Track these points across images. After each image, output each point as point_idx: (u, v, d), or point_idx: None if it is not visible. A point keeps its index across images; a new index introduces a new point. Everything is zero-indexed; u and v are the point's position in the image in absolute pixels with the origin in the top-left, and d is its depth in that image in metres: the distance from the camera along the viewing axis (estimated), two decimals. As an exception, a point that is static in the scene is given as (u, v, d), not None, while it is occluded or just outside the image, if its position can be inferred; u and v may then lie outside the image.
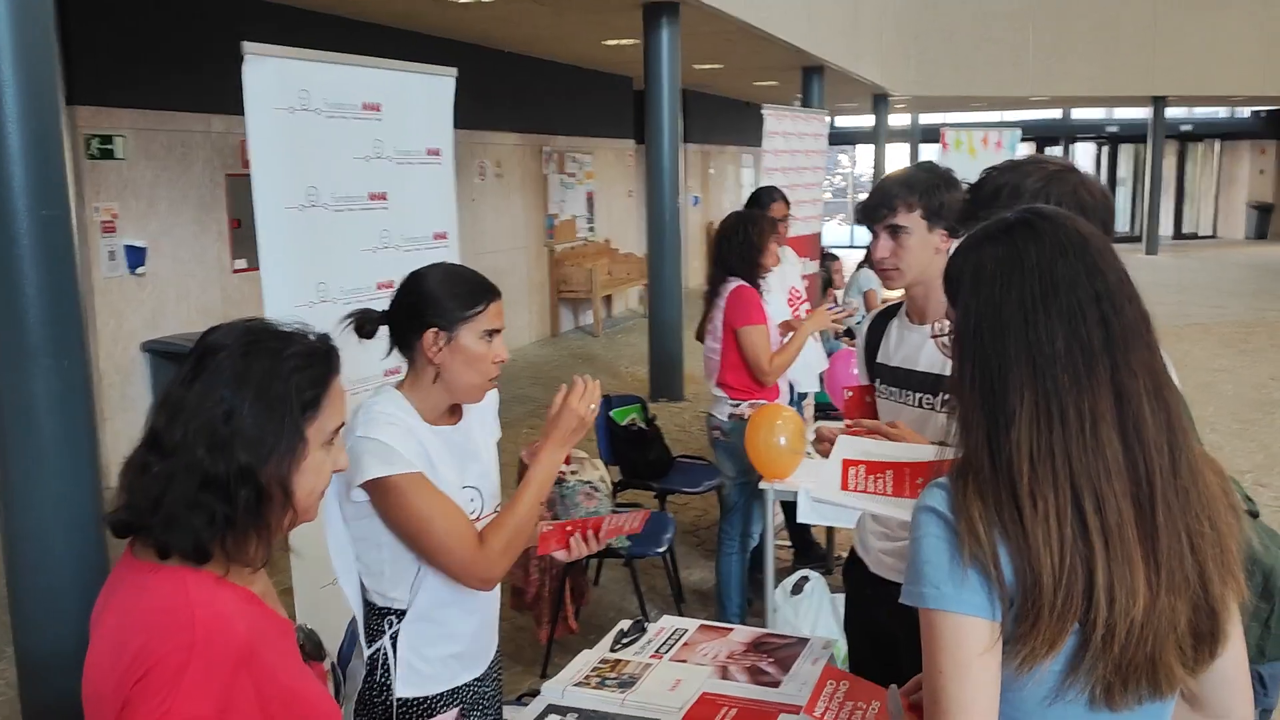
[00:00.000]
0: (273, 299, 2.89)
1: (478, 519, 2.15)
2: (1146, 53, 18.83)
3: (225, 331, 1.36)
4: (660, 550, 4.31)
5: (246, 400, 1.29)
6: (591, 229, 14.01)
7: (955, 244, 2.53)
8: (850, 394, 2.64)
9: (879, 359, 2.55)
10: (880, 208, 2.35)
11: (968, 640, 1.22)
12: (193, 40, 7.50)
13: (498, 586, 2.28)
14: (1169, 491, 1.23)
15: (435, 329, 2.03)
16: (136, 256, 6.98)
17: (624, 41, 10.74)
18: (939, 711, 1.23)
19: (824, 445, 2.31)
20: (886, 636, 2.53)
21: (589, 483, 4.23)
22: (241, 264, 7.92)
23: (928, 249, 2.36)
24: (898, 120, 22.29)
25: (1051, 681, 1.24)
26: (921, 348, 2.45)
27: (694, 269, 15.22)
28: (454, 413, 2.18)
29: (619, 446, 5.01)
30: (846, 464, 2.10)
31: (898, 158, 23.98)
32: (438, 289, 2.07)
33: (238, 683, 1.19)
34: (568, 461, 4.39)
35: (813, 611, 4.20)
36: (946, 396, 2.38)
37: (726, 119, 18.71)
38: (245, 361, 1.31)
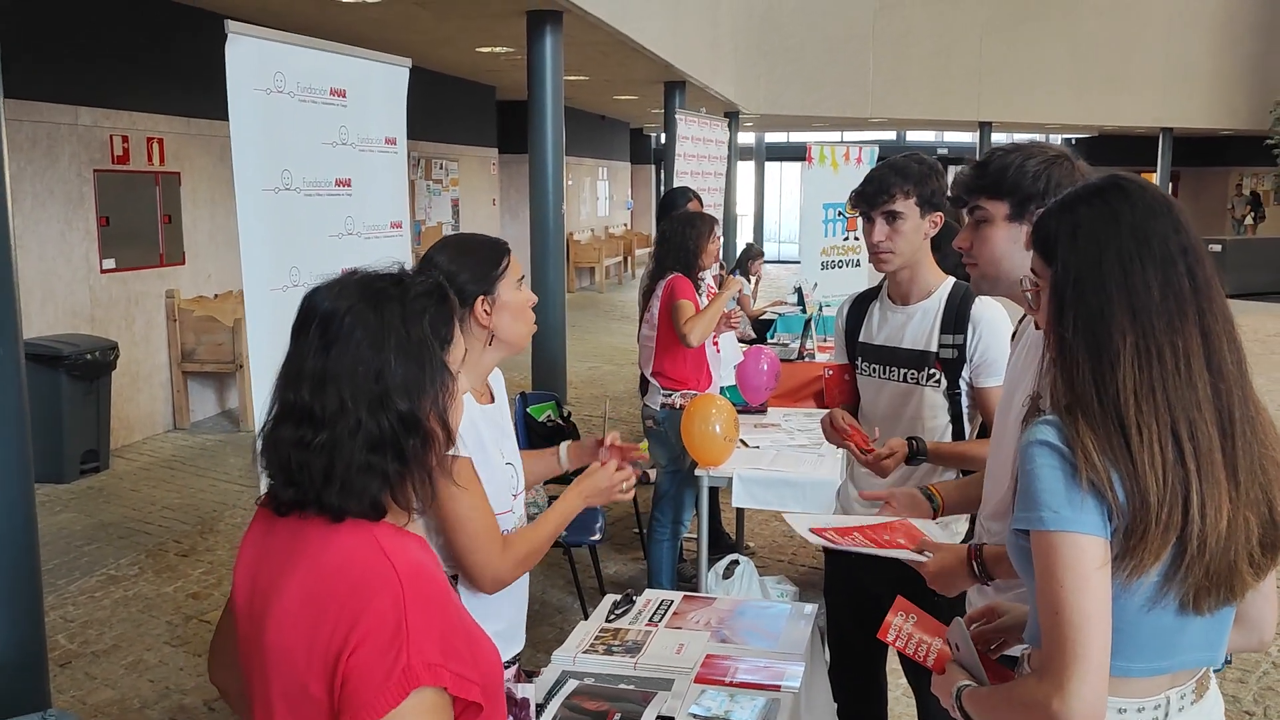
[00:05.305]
0: (252, 280, 2.84)
1: (517, 496, 2.21)
2: (973, 82, 20.07)
3: (336, 292, 1.34)
4: (594, 539, 4.39)
5: (391, 353, 1.28)
6: (456, 237, 13.89)
7: (946, 219, 2.74)
8: (830, 373, 2.81)
9: (861, 338, 2.72)
10: (879, 195, 2.51)
11: (1086, 556, 1.37)
12: (59, 29, 7.13)
13: None
14: (1244, 420, 1.42)
15: (481, 296, 2.10)
16: (1, 253, 6.56)
17: (498, 49, 10.74)
18: (1062, 622, 1.37)
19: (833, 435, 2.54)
20: (869, 598, 2.71)
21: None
22: (110, 264, 7.55)
23: (919, 234, 2.54)
24: (742, 139, 22.93)
25: (1150, 592, 1.41)
26: (905, 327, 2.63)
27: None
28: (487, 392, 2.23)
29: (537, 442, 5.05)
30: (816, 531, 2.17)
31: (744, 176, 24.65)
32: (466, 264, 2.12)
33: (447, 619, 1.22)
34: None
35: (744, 593, 4.37)
36: (931, 370, 2.58)
37: (583, 132, 18.87)
38: (376, 316, 1.30)
